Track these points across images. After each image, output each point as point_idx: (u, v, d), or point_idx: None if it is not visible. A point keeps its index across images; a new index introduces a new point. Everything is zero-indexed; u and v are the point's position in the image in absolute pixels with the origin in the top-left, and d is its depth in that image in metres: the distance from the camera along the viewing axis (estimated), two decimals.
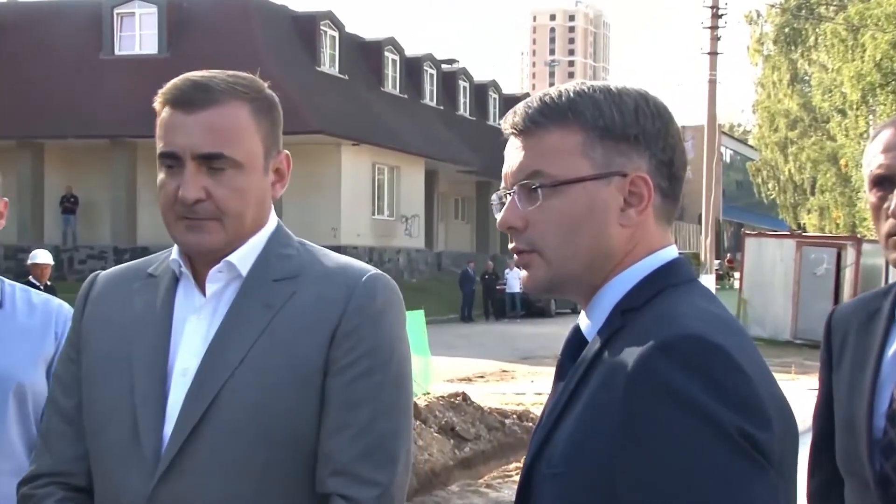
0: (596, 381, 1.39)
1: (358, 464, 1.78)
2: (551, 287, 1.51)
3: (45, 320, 2.45)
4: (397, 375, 1.85)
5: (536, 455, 1.45)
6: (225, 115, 1.80)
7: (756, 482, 1.29)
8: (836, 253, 21.91)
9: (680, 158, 1.50)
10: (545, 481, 1.42)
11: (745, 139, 73.34)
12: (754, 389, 1.32)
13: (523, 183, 1.47)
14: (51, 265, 12.27)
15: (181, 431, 1.79)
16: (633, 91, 1.50)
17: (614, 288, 1.47)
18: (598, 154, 1.46)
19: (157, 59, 29.29)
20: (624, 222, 1.46)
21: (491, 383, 15.33)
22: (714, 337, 1.33)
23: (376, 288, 1.86)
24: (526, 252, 1.49)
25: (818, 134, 34.65)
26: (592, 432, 1.36)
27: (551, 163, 1.46)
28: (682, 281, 1.47)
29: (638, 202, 1.46)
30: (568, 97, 1.47)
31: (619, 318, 1.43)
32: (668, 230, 1.52)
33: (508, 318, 30.54)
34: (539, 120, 1.47)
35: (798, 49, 32.54)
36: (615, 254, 1.47)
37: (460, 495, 8.19)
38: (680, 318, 1.37)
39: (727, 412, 1.28)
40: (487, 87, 43.87)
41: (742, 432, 1.29)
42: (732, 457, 1.28)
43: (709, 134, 29.88)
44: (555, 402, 1.47)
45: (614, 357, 1.38)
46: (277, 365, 1.79)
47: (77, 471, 1.90)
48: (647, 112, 1.47)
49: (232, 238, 1.84)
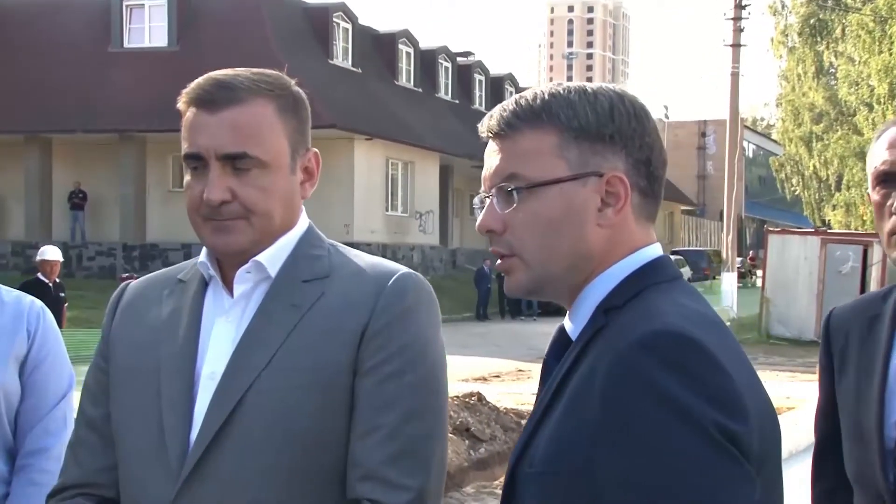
0: (576, 380, 1.41)
1: (388, 468, 1.74)
2: (533, 290, 1.52)
3: (16, 318, 2.40)
4: (429, 376, 1.80)
5: (520, 455, 1.46)
6: (249, 114, 1.78)
7: (733, 477, 1.30)
8: (861, 250, 21.75)
9: (658, 157, 1.51)
10: (529, 482, 1.43)
11: (768, 133, 72.97)
12: (732, 384, 1.33)
13: (500, 186, 1.49)
14: (60, 262, 11.97)
15: (205, 436, 1.76)
16: (608, 90, 1.51)
17: (596, 288, 1.48)
18: (573, 155, 1.47)
19: (166, 53, 29.12)
20: (602, 222, 1.47)
21: (507, 383, 15.24)
22: (692, 332, 1.34)
23: (406, 287, 1.82)
24: (506, 256, 1.50)
25: (844, 128, 34.20)
26: (572, 430, 1.37)
27: (527, 165, 1.47)
28: (665, 279, 1.48)
29: (615, 202, 1.47)
30: (542, 99, 1.49)
31: (602, 317, 1.44)
32: (650, 228, 1.52)
33: (524, 317, 30.35)
34: (514, 122, 1.49)
35: (824, 41, 32.21)
36: (594, 254, 1.48)
37: (475, 497, 8.12)
38: (659, 315, 1.38)
39: (704, 407, 1.29)
40: (503, 80, 43.67)
41: (719, 427, 1.29)
42: (709, 452, 1.28)
43: (731, 128, 29.60)
44: (538, 402, 1.49)
45: (594, 356, 1.39)
46: (305, 366, 1.76)
47: (105, 482, 1.88)
48: (623, 111, 1.48)
49: (260, 237, 1.81)
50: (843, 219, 33.52)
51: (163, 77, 26.18)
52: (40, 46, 29.58)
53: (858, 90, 30.44)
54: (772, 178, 43.66)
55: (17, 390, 2.38)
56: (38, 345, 2.45)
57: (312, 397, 1.75)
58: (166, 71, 26.22)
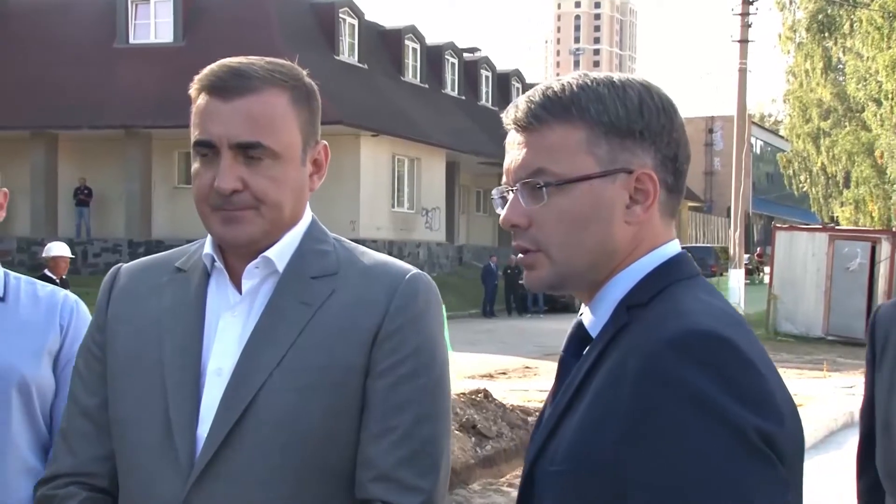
0: (601, 378, 1.38)
1: (401, 469, 1.73)
2: (555, 285, 1.49)
3: (50, 312, 2.39)
4: (439, 378, 1.80)
5: (539, 453, 1.44)
6: (263, 103, 1.75)
7: (769, 481, 1.28)
8: (870, 247, 21.82)
9: (684, 152, 1.49)
10: (548, 479, 1.41)
11: (776, 130, 72.81)
12: (767, 386, 1.31)
13: (527, 181, 1.46)
14: (68, 258, 11.78)
15: (217, 434, 1.73)
16: (636, 83, 1.48)
17: (619, 283, 1.46)
18: (602, 151, 1.44)
19: (172, 48, 29.08)
20: (629, 219, 1.45)
21: (513, 380, 15.21)
22: (725, 332, 1.32)
23: (419, 288, 1.81)
24: (531, 251, 1.47)
25: (852, 124, 34.00)
26: (598, 429, 1.35)
27: (555, 160, 1.44)
28: (687, 276, 1.46)
29: (644, 199, 1.45)
30: (571, 91, 1.45)
31: (625, 314, 1.42)
32: (671, 224, 1.51)
33: (531, 314, 30.31)
34: (542, 115, 1.46)
35: (832, 37, 31.97)
36: (620, 251, 1.46)
37: (482, 494, 8.08)
38: (689, 315, 1.36)
39: (742, 409, 1.27)
40: (510, 76, 43.68)
41: (757, 430, 1.27)
42: (746, 455, 1.26)
43: (738, 124, 29.54)
44: (558, 398, 1.46)
45: (621, 354, 1.37)
46: (316, 366, 1.74)
47: (99, 471, 1.85)
48: (652, 106, 1.46)
49: (270, 229, 1.79)
50: (851, 215, 33.41)
51: (169, 73, 26.19)
52: (46, 42, 29.59)
53: (867, 86, 30.30)
54: (779, 175, 43.50)
55: (51, 385, 2.36)
56: (71, 339, 2.41)
57: (323, 397, 1.74)
58: (172, 67, 26.18)
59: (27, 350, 2.34)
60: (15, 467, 2.22)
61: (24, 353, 2.34)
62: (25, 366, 2.33)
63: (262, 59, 1.82)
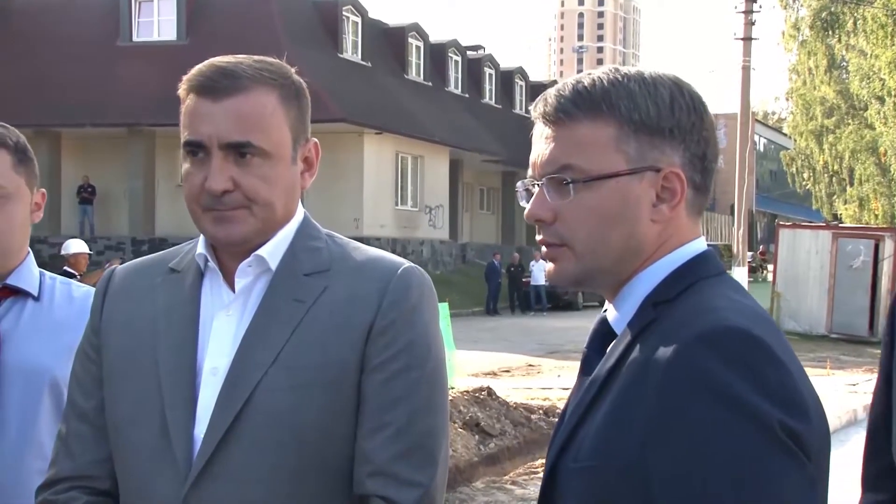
0: (628, 374, 1.37)
1: (397, 464, 1.72)
2: (579, 281, 1.49)
3: (83, 312, 2.30)
4: (434, 372, 1.79)
5: (562, 449, 1.43)
6: (252, 103, 1.75)
7: (796, 478, 1.28)
8: (873, 245, 21.86)
9: (713, 151, 1.48)
10: (573, 476, 1.40)
11: (779, 127, 72.66)
12: (795, 384, 1.32)
13: (554, 176, 1.45)
14: (87, 254, 12.10)
15: (214, 434, 1.72)
16: (667, 80, 1.47)
17: (644, 280, 1.45)
18: (631, 148, 1.43)
19: (175, 46, 29.05)
20: (656, 218, 1.44)
21: (517, 378, 15.16)
22: (754, 330, 1.32)
23: (411, 282, 1.80)
24: (555, 245, 1.47)
25: (856, 122, 33.96)
26: (624, 425, 1.34)
27: (584, 156, 1.43)
28: (713, 273, 1.46)
29: (671, 197, 1.44)
30: (602, 87, 1.44)
31: (651, 311, 1.42)
32: (698, 222, 1.50)
33: (534, 312, 30.26)
34: (571, 111, 1.44)
35: (835, 34, 31.87)
36: (646, 249, 1.45)
37: (485, 492, 8.03)
38: (718, 311, 1.35)
39: (770, 407, 1.27)
40: (514, 74, 43.53)
41: (784, 427, 1.27)
42: (774, 452, 1.26)
43: (742, 122, 29.49)
44: (581, 395, 1.45)
45: (648, 350, 1.36)
46: (311, 363, 1.74)
47: (100, 474, 1.84)
48: (683, 104, 1.45)
49: (262, 228, 1.78)
50: (855, 213, 33.36)
51: (172, 71, 25.74)
52: (49, 40, 29.54)
53: (870, 84, 30.24)
54: (783, 173, 43.52)
55: None
56: None
57: (319, 394, 1.73)
58: (175, 65, 25.70)
59: (60, 350, 2.32)
60: (37, 467, 2.20)
61: (56, 353, 2.33)
62: (57, 366, 2.31)
63: (250, 58, 1.81)
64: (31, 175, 2.40)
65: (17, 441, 2.28)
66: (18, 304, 2.40)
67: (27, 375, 2.31)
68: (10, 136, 2.35)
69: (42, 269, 2.48)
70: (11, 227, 2.34)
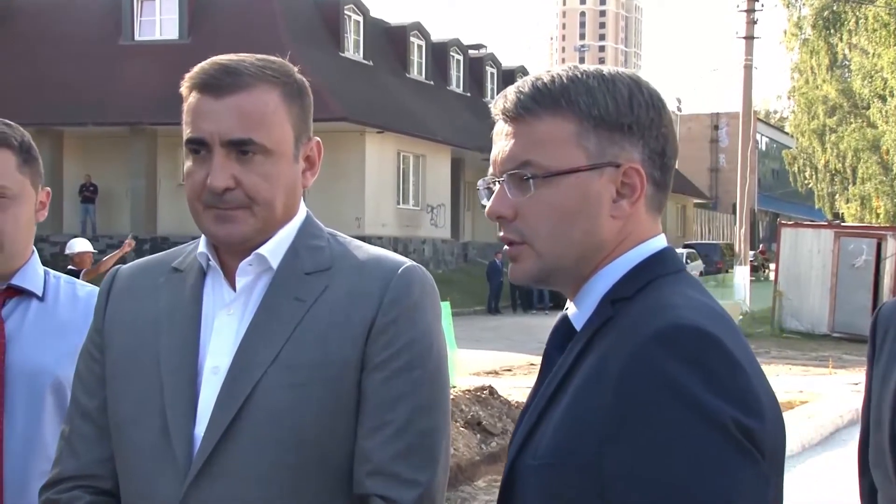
0: (585, 371, 1.38)
1: (397, 463, 1.72)
2: (541, 278, 1.49)
3: (87, 313, 2.30)
4: (435, 371, 1.78)
5: (521, 447, 1.43)
6: (255, 100, 1.75)
7: (750, 475, 1.29)
8: (875, 244, 21.70)
9: (672, 147, 1.49)
10: (531, 473, 1.41)
11: (781, 126, 72.61)
12: (749, 381, 1.32)
13: (514, 172, 1.45)
14: (91, 252, 12.05)
15: (214, 432, 1.73)
16: (626, 77, 1.47)
17: (604, 278, 1.46)
18: (591, 144, 1.44)
19: (177, 45, 29.01)
20: (615, 214, 1.45)
21: (518, 377, 15.10)
22: (710, 328, 1.32)
23: (412, 280, 1.80)
24: (516, 243, 1.47)
25: (858, 121, 33.89)
26: (581, 422, 1.34)
27: (544, 152, 1.44)
28: (671, 271, 1.46)
29: (630, 193, 1.45)
30: (561, 83, 1.45)
31: (609, 308, 1.42)
32: (657, 219, 1.50)
33: (536, 310, 30.19)
34: (531, 107, 1.45)
35: (837, 33, 31.84)
36: (606, 245, 1.45)
37: (486, 491, 8.02)
38: (674, 309, 1.36)
39: (724, 405, 1.28)
40: (515, 73, 43.16)
41: (738, 425, 1.28)
42: (727, 450, 1.27)
43: (744, 121, 29.51)
44: (541, 392, 1.46)
45: (605, 348, 1.37)
46: (312, 362, 1.73)
47: (103, 473, 1.85)
48: (642, 100, 1.45)
49: (263, 227, 1.79)
50: (857, 212, 33.30)
51: (174, 70, 25.68)
52: (51, 39, 29.53)
53: (872, 82, 30.21)
54: (785, 172, 43.39)
55: None
56: None
57: (320, 393, 1.73)
58: (177, 64, 25.66)
59: (64, 351, 2.32)
60: (41, 469, 2.19)
61: (60, 354, 2.32)
62: (61, 367, 2.30)
63: (252, 56, 1.81)
64: (36, 174, 2.40)
65: (22, 442, 2.28)
66: (23, 305, 2.39)
67: (32, 377, 2.30)
68: (15, 136, 2.34)
69: (46, 268, 2.47)
70: (17, 228, 2.33)
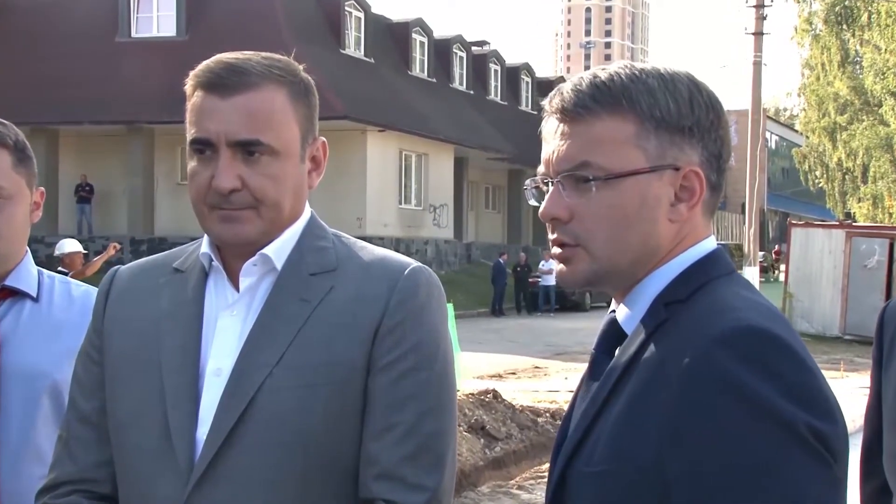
0: (641, 376, 1.37)
1: (404, 467, 1.70)
2: (593, 282, 1.48)
3: (84, 313, 2.28)
4: (442, 373, 1.77)
5: (573, 454, 1.43)
6: (261, 100, 1.74)
7: (824, 481, 1.28)
8: (888, 244, 22.15)
9: (727, 150, 1.49)
10: (586, 481, 1.40)
11: (791, 124, 72.43)
12: (818, 383, 1.31)
13: (572, 174, 1.44)
14: (82, 253, 12.06)
15: (217, 435, 1.70)
16: (684, 77, 1.47)
17: (656, 280, 1.45)
18: (651, 146, 1.43)
19: (175, 42, 28.92)
20: (673, 217, 1.44)
21: (523, 380, 15.17)
22: (774, 329, 1.32)
23: (419, 281, 1.78)
24: (569, 245, 1.46)
25: (870, 118, 33.64)
26: (640, 428, 1.34)
27: (603, 153, 1.42)
28: (724, 273, 1.45)
29: (689, 197, 1.44)
30: (621, 82, 1.44)
31: (663, 311, 1.41)
32: (710, 222, 1.50)
33: (541, 313, 30.02)
34: (590, 105, 1.43)
35: (849, 29, 31.68)
36: (662, 249, 1.45)
37: (491, 497, 8.01)
38: (734, 311, 1.35)
39: (795, 408, 1.26)
40: (520, 70, 43.61)
41: (811, 429, 1.27)
42: (801, 455, 1.26)
43: (753, 118, 29.39)
44: (592, 397, 1.44)
45: (664, 351, 1.36)
46: (317, 363, 1.72)
47: (101, 477, 1.83)
48: (701, 101, 1.45)
49: (269, 228, 1.77)
50: (869, 211, 33.04)
51: (172, 67, 25.77)
52: (47, 37, 29.43)
53: (885, 79, 30.05)
54: (795, 170, 43.20)
55: None
56: None
57: (325, 395, 1.72)
58: (175, 61, 25.80)
59: (60, 352, 2.30)
60: (38, 473, 2.13)
61: (56, 355, 2.31)
62: (57, 369, 2.30)
63: (258, 54, 1.79)
64: (31, 174, 2.39)
65: (17, 446, 2.27)
66: (17, 306, 2.38)
67: (27, 379, 2.29)
68: (10, 135, 2.32)
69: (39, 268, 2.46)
70: (12, 228, 2.32)
